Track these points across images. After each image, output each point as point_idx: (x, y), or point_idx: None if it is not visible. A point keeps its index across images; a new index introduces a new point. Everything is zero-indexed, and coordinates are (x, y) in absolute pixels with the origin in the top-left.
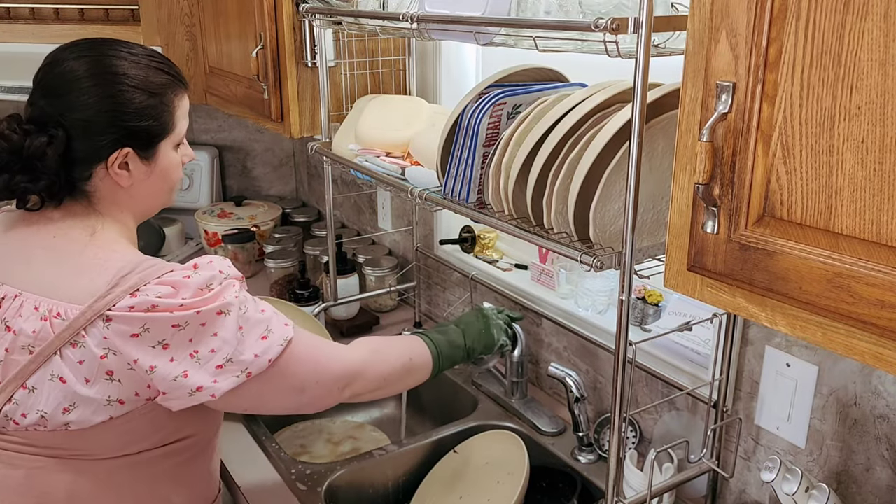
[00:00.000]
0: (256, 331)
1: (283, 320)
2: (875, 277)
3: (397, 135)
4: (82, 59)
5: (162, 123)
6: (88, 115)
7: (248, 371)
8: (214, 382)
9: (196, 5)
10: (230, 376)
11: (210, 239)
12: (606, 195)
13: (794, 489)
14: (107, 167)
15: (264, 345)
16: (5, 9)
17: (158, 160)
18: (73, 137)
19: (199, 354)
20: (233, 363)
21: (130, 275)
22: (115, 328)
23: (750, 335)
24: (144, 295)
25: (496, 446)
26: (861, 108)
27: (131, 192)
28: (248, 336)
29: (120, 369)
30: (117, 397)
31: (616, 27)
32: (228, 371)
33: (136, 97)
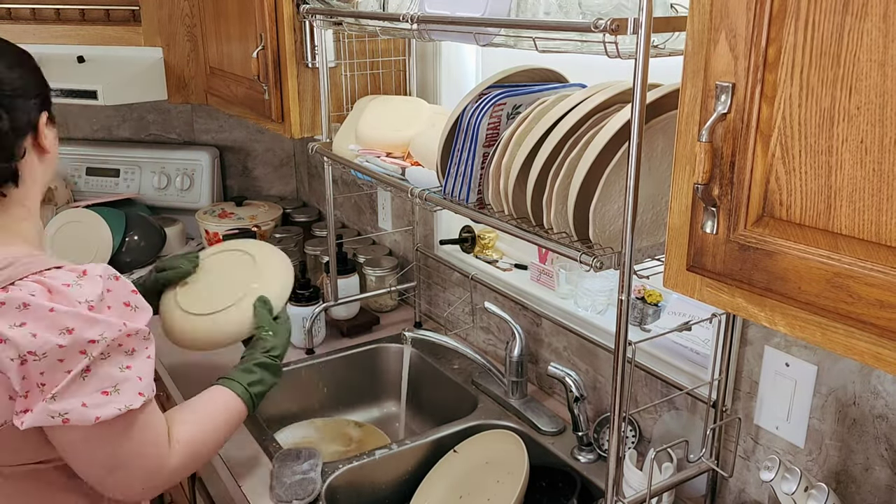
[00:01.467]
0: (101, 384)
1: (140, 388)
2: (874, 277)
3: (397, 135)
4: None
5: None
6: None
7: (66, 417)
8: (24, 412)
9: (197, 6)
10: (43, 414)
11: (211, 239)
12: (606, 195)
13: (793, 489)
14: (35, 135)
15: (101, 400)
16: (6, 9)
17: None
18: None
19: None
20: (56, 401)
21: (8, 268)
22: None
23: (749, 335)
24: (17, 291)
25: (496, 446)
26: (860, 108)
27: (48, 161)
28: (89, 384)
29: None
30: None
31: (615, 28)
32: (47, 408)
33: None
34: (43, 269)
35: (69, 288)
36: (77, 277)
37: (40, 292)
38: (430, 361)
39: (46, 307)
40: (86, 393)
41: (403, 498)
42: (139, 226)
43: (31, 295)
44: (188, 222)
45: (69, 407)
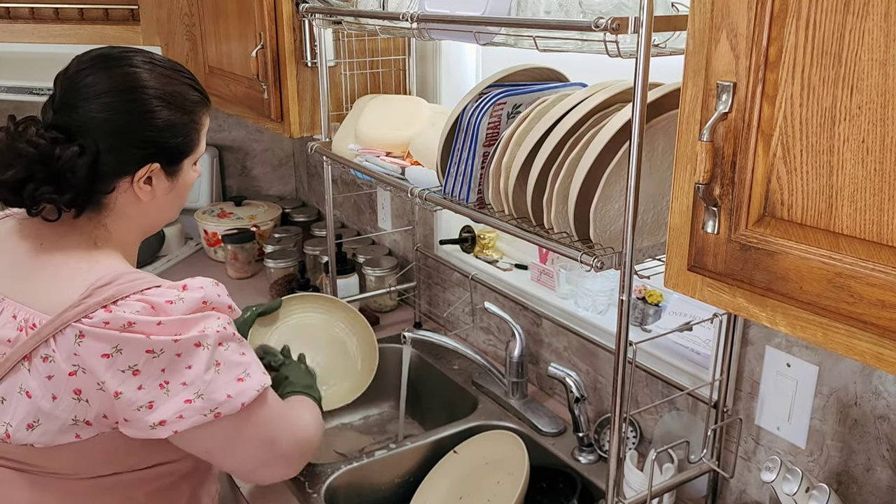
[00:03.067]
0: (233, 371)
1: (262, 367)
2: (875, 277)
3: (397, 135)
4: (109, 71)
5: (189, 141)
6: (118, 127)
7: (218, 411)
8: (179, 418)
9: (196, 5)
10: (197, 414)
11: (210, 239)
12: (606, 195)
13: (794, 489)
14: (132, 181)
15: (240, 387)
16: (5, 9)
17: (180, 177)
18: (103, 150)
19: (168, 386)
20: (202, 400)
21: (108, 286)
22: (87, 345)
23: (750, 335)
24: (121, 310)
25: (496, 446)
26: (861, 108)
27: (146, 207)
28: (224, 374)
29: (89, 389)
30: (84, 418)
31: (616, 27)
32: (196, 408)
33: (170, 115)
34: (145, 287)
35: (172, 305)
36: (178, 292)
37: (145, 310)
38: (430, 362)
39: (153, 322)
40: (225, 383)
41: (403, 498)
42: None
43: (135, 313)
44: (187, 222)
45: (217, 400)
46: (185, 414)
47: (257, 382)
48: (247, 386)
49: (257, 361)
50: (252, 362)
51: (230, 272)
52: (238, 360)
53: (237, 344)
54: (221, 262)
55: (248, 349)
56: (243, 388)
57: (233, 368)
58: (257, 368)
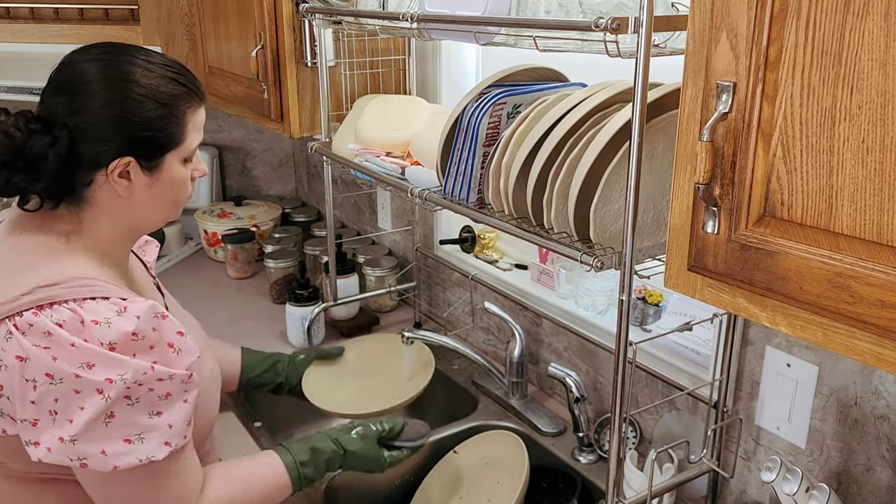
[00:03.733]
0: (124, 430)
1: (167, 437)
2: (875, 277)
3: (397, 135)
4: (96, 62)
5: (169, 135)
6: (93, 119)
7: (85, 462)
8: (48, 450)
9: (196, 5)
10: (63, 455)
11: (209, 239)
12: (607, 195)
13: (794, 489)
14: (107, 174)
15: (122, 448)
16: (5, 9)
17: (162, 173)
18: (77, 140)
19: (56, 416)
20: (75, 445)
21: (49, 287)
22: (11, 344)
23: (750, 335)
24: (47, 316)
25: (496, 446)
26: (861, 108)
27: (129, 203)
28: (111, 430)
29: (8, 385)
30: (9, 413)
31: (616, 27)
32: (65, 449)
33: (144, 105)
34: (87, 297)
35: (97, 326)
36: (117, 314)
37: (71, 321)
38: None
39: (68, 340)
40: (106, 439)
41: (403, 498)
42: None
43: (57, 324)
44: (187, 222)
45: (88, 452)
46: (54, 449)
47: (147, 451)
48: (131, 450)
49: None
50: (156, 427)
51: (230, 272)
52: (137, 421)
53: (151, 401)
54: (221, 262)
55: (170, 409)
56: (125, 451)
57: (124, 427)
58: (159, 437)
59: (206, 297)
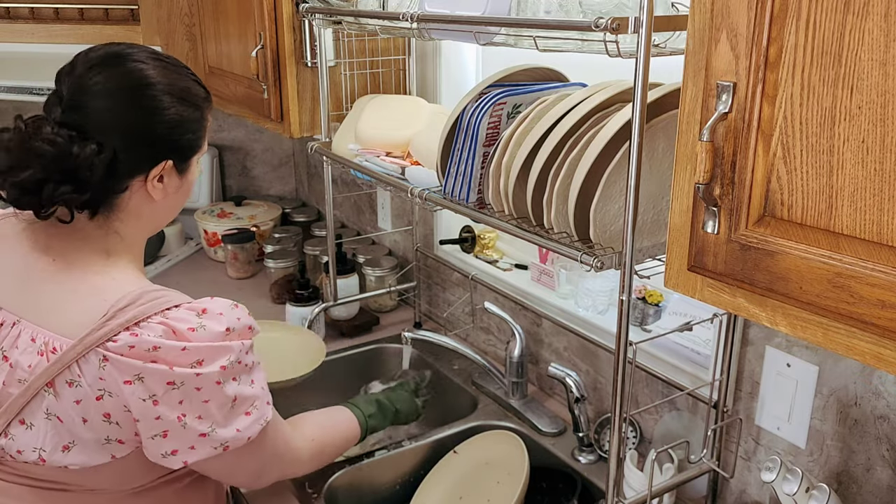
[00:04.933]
0: (244, 406)
1: (267, 397)
2: (876, 277)
3: (397, 135)
4: (115, 70)
5: (199, 137)
6: (130, 125)
7: (227, 445)
8: (191, 449)
9: (196, 5)
10: (208, 447)
11: (210, 239)
12: (607, 195)
13: (794, 489)
14: (145, 181)
15: (247, 421)
16: (5, 9)
17: (189, 174)
18: (118, 149)
19: (185, 419)
20: (215, 433)
21: (129, 307)
22: (111, 370)
23: (750, 335)
24: (145, 334)
25: (496, 446)
26: (861, 107)
27: (156, 207)
28: (237, 409)
29: (116, 412)
30: (116, 437)
31: (616, 27)
32: (208, 441)
33: (179, 111)
34: (165, 308)
35: (194, 332)
36: (197, 317)
37: (166, 333)
38: (430, 362)
39: (178, 347)
40: (235, 419)
41: (403, 498)
42: None
43: (158, 336)
44: (187, 222)
45: (228, 436)
46: (197, 446)
47: (262, 415)
48: (253, 419)
49: (264, 390)
50: (259, 394)
51: (230, 272)
52: (248, 394)
53: (247, 374)
54: (221, 262)
55: (258, 375)
56: (250, 423)
57: (243, 403)
58: (263, 399)
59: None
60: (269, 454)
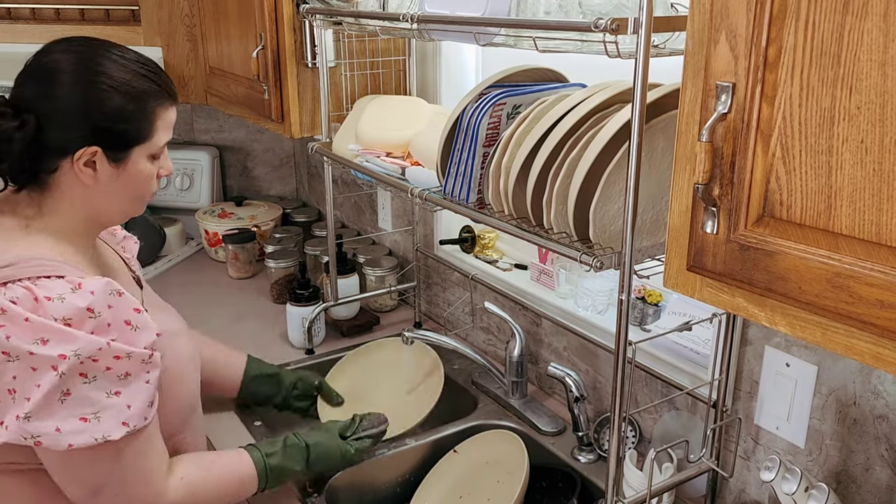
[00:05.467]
0: (80, 409)
1: (125, 417)
2: (874, 277)
3: (397, 135)
4: (70, 53)
5: (137, 130)
6: (63, 106)
7: (38, 440)
8: (5, 429)
9: (196, 6)
10: (18, 433)
11: (210, 239)
12: (606, 195)
13: (793, 489)
14: (72, 162)
15: (77, 426)
16: (6, 9)
17: (128, 166)
18: (45, 126)
19: (14, 395)
20: (29, 422)
21: (8, 268)
22: None
23: (749, 335)
24: (1, 294)
25: (496, 446)
26: (860, 108)
27: (91, 193)
28: (66, 408)
29: None
30: None
31: (616, 28)
32: (19, 426)
33: (114, 98)
34: (41, 275)
35: (50, 302)
36: (71, 290)
37: (25, 299)
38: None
39: (22, 316)
40: (61, 417)
41: (403, 498)
42: (139, 226)
43: (11, 301)
44: (188, 222)
45: (42, 430)
46: (11, 427)
47: (102, 430)
48: (86, 428)
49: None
50: (113, 406)
51: (231, 272)
52: (94, 399)
53: (109, 381)
54: (222, 262)
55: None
56: (80, 430)
57: (80, 405)
58: (116, 416)
59: (206, 297)
60: (112, 476)
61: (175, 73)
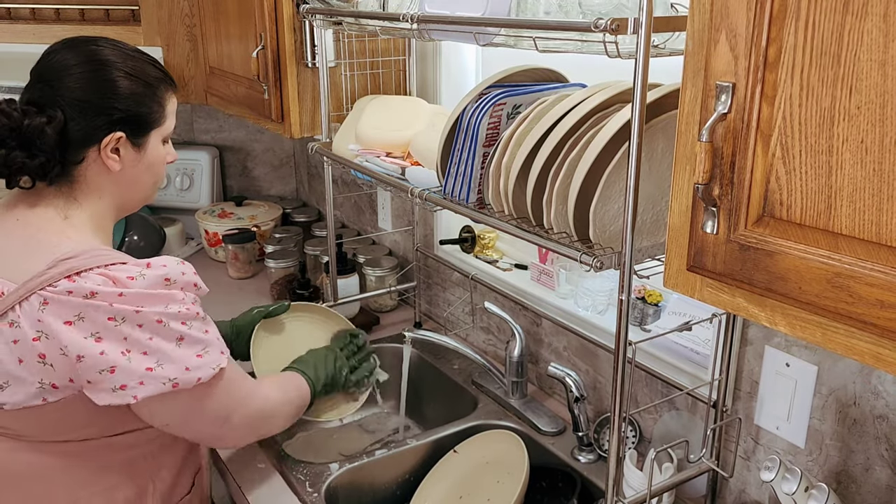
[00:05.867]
0: (194, 347)
1: (221, 347)
2: (874, 277)
3: (397, 135)
4: (75, 50)
5: (154, 113)
6: (83, 97)
7: (176, 382)
8: (140, 384)
9: (196, 6)
10: (156, 382)
11: (210, 239)
12: (606, 195)
13: (793, 489)
14: (99, 150)
15: (197, 362)
16: (6, 9)
17: (148, 150)
18: (70, 119)
19: (130, 354)
20: (162, 369)
21: (72, 259)
22: (50, 311)
23: (749, 335)
24: (84, 281)
25: (496, 446)
26: (860, 108)
27: (118, 179)
28: (184, 349)
29: (52, 354)
30: (50, 381)
31: (616, 28)
32: (156, 376)
33: (129, 84)
34: (109, 262)
35: (133, 280)
36: (141, 269)
37: (105, 283)
38: (430, 361)
39: (115, 292)
40: (186, 358)
41: (403, 498)
42: (138, 226)
43: (97, 285)
44: (188, 222)
45: (175, 372)
46: (146, 381)
47: (214, 361)
48: (205, 362)
49: (219, 341)
50: (213, 341)
51: (231, 272)
52: (199, 338)
53: (200, 322)
54: (222, 262)
55: (212, 328)
56: (201, 364)
57: (193, 345)
58: (217, 348)
59: (206, 297)
60: (230, 399)
61: (175, 73)
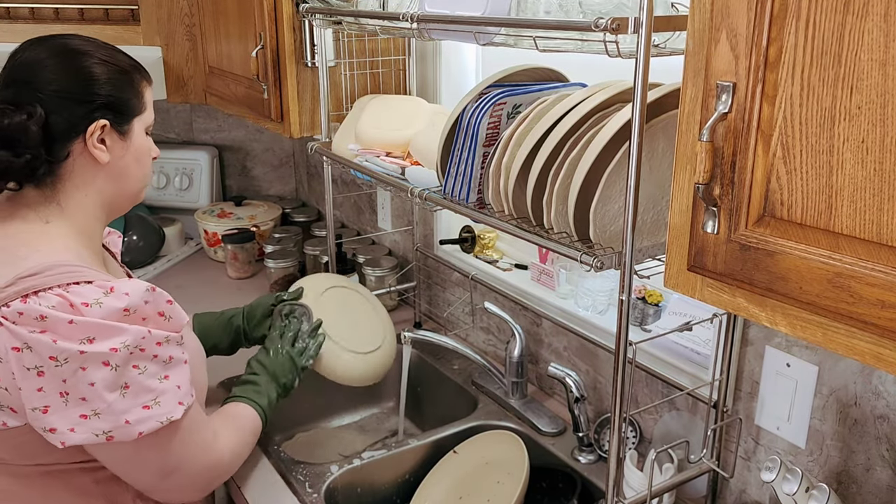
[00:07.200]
0: (142, 397)
1: (180, 397)
2: (875, 277)
3: (397, 135)
4: (42, 46)
5: (133, 99)
6: (60, 88)
7: (111, 435)
8: (70, 431)
9: (196, 5)
10: (88, 432)
11: (210, 239)
12: (606, 195)
13: (794, 489)
14: (85, 142)
15: (142, 414)
16: (5, 9)
17: (133, 138)
18: (51, 112)
19: (67, 397)
20: (98, 419)
21: (33, 276)
22: (2, 335)
23: (750, 335)
24: (36, 303)
25: (496, 446)
26: (861, 108)
27: (106, 174)
28: (129, 399)
29: (4, 377)
30: (7, 404)
31: (616, 27)
32: (89, 426)
33: (107, 70)
34: (71, 282)
35: (88, 308)
36: (104, 294)
37: (60, 306)
38: (430, 362)
39: (65, 319)
40: (127, 408)
41: (403, 498)
42: (138, 226)
43: (50, 307)
44: (187, 222)
45: (113, 424)
46: (77, 429)
47: (165, 413)
48: (151, 414)
49: (179, 389)
50: (168, 390)
51: (230, 272)
52: (149, 386)
53: (157, 366)
54: (221, 262)
55: (175, 372)
56: (146, 417)
57: (140, 394)
58: (173, 397)
59: (206, 297)
60: (183, 450)
61: (174, 73)
